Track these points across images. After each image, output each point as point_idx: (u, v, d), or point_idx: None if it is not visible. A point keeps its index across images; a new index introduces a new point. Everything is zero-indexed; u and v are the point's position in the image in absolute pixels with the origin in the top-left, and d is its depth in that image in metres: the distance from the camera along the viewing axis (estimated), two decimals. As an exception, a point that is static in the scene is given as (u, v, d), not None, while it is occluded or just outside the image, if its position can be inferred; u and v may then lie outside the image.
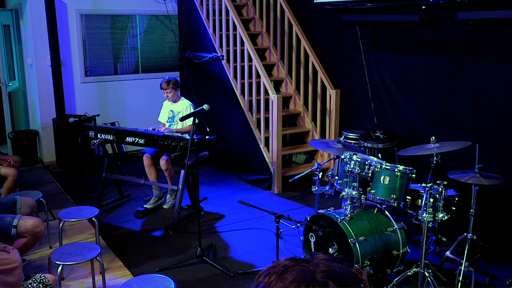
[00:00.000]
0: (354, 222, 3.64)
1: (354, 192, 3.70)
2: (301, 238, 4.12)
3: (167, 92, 5.22)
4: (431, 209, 3.41)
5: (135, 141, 4.98)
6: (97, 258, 3.35)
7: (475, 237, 3.64)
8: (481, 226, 4.06)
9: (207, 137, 4.83)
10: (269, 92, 5.75)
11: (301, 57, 6.30)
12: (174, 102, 5.32)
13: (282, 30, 6.54)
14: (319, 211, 3.85)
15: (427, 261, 3.57)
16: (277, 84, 6.73)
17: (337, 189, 4.03)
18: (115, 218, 5.04)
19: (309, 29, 6.36)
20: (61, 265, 3.23)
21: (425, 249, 3.48)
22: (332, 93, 6.00)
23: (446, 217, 3.48)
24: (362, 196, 3.74)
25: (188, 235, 4.65)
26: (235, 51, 6.20)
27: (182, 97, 5.39)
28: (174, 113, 5.30)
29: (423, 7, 4.70)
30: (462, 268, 3.54)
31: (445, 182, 3.48)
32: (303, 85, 6.36)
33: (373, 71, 5.55)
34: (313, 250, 3.81)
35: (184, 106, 5.27)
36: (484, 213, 4.22)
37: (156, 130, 5.04)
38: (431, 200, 3.40)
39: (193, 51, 6.97)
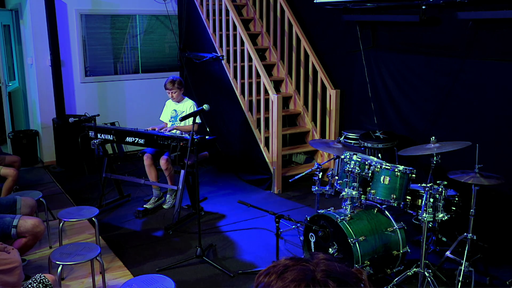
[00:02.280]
0: (354, 222, 3.64)
1: (354, 192, 3.70)
2: (301, 238, 4.12)
3: (172, 92, 5.21)
4: (431, 209, 3.40)
5: (135, 141, 4.98)
6: (97, 258, 3.35)
7: (475, 237, 3.64)
8: (481, 226, 4.06)
9: (207, 137, 4.83)
10: (269, 92, 5.75)
11: (301, 57, 6.29)
12: (178, 102, 5.32)
13: (282, 30, 6.54)
14: (319, 211, 3.85)
15: (427, 261, 3.57)
16: (277, 84, 6.73)
17: (337, 189, 4.03)
18: (115, 218, 5.04)
19: (309, 29, 6.36)
20: (61, 265, 3.23)
21: (425, 249, 3.48)
22: (332, 93, 6.00)
23: (446, 217, 3.48)
24: (362, 196, 3.74)
25: (188, 235, 4.65)
26: (235, 51, 6.20)
27: (186, 97, 5.39)
28: (178, 113, 5.29)
29: (423, 7, 4.69)
30: (462, 268, 3.54)
31: (445, 182, 3.48)
32: (303, 85, 6.36)
33: (373, 71, 5.55)
34: (313, 250, 3.81)
35: (188, 106, 5.27)
36: (484, 213, 4.22)
37: (156, 130, 5.04)
38: (431, 200, 3.40)
39: (193, 51, 6.97)
